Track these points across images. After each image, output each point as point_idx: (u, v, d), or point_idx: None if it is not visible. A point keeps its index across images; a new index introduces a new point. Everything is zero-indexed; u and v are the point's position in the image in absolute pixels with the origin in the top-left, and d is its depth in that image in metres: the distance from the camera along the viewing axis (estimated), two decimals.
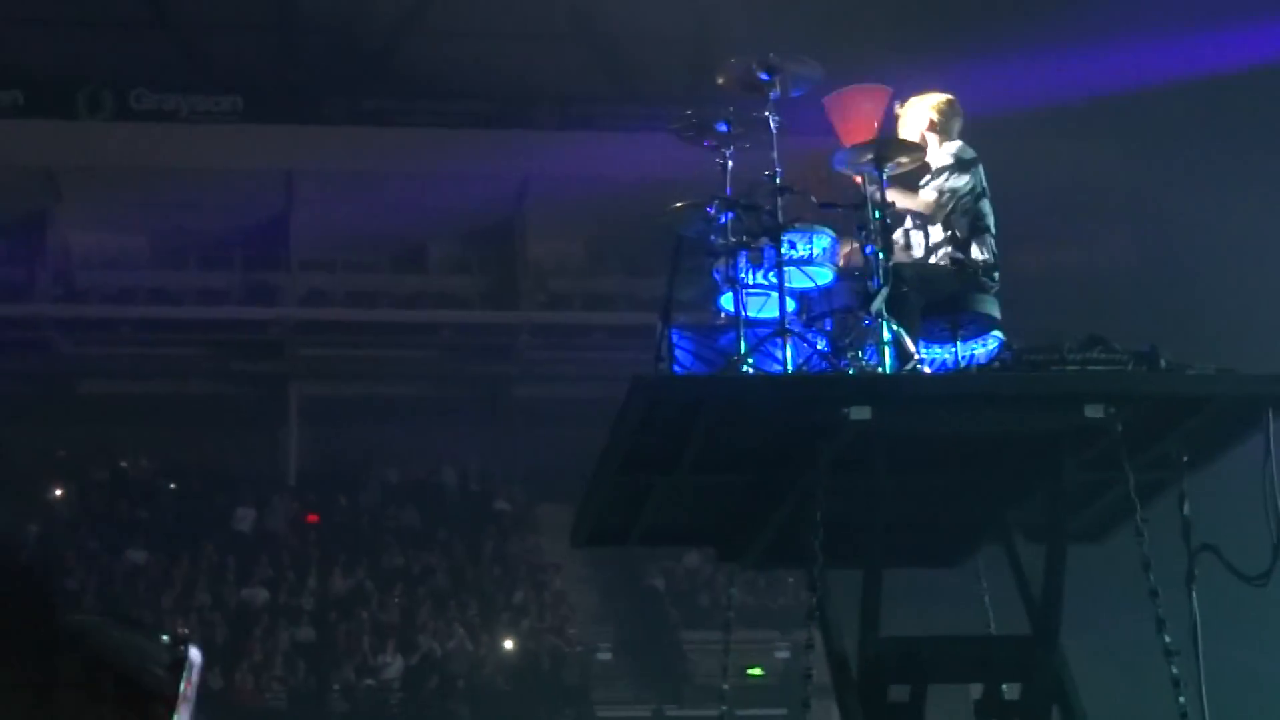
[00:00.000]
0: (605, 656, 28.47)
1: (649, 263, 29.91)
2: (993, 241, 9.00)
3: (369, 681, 26.95)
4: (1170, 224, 28.41)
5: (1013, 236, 9.36)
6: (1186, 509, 8.18)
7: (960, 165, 9.02)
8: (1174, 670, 7.90)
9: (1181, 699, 7.88)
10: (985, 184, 9.07)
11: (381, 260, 35.58)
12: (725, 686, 10.04)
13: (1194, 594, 8.03)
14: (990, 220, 9.03)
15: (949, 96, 9.28)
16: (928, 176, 9.06)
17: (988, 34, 27.22)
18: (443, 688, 26.62)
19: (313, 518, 31.76)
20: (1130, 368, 8.00)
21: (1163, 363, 8.07)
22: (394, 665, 27.07)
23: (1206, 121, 26.40)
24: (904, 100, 9.21)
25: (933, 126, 9.16)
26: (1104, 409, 7.84)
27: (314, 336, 33.81)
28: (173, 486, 32.35)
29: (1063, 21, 27.24)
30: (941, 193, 8.97)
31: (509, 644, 27.69)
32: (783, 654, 26.79)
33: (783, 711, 23.98)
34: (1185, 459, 8.28)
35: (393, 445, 32.84)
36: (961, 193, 8.98)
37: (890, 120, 9.00)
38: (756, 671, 26.59)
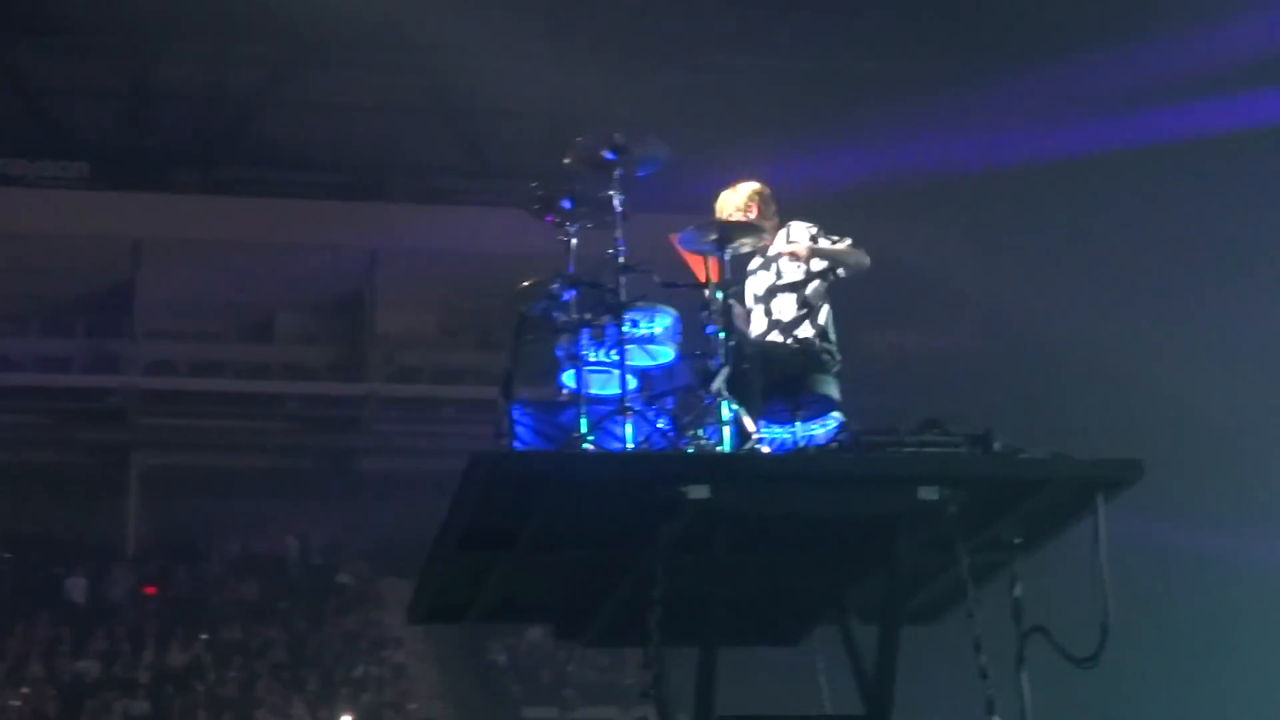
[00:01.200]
0: None
1: (500, 337, 29.87)
2: (831, 322, 9.11)
3: None
4: (1010, 310, 28.84)
5: (855, 319, 9.47)
6: (1018, 591, 8.27)
7: (811, 228, 9.14)
8: None
9: None
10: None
11: (229, 330, 35.29)
12: None
13: (1024, 675, 8.12)
14: (829, 301, 9.15)
15: (759, 184, 9.38)
16: (773, 258, 9.15)
17: (839, 118, 27.64)
18: None
19: (151, 589, 31.30)
20: (965, 451, 8.10)
21: (997, 446, 8.17)
22: None
23: (1042, 208, 26.89)
24: (724, 188, 9.35)
25: (754, 213, 9.26)
26: (938, 491, 7.92)
27: (157, 405, 33.45)
28: (8, 556, 31.75)
29: (910, 108, 27.70)
30: (832, 242, 9.09)
31: (352, 716, 27.39)
32: None
33: None
34: (1018, 541, 8.39)
35: (235, 517, 32.51)
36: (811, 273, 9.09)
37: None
38: None
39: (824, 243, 9.14)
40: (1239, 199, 25.25)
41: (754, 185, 9.42)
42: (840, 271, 9.18)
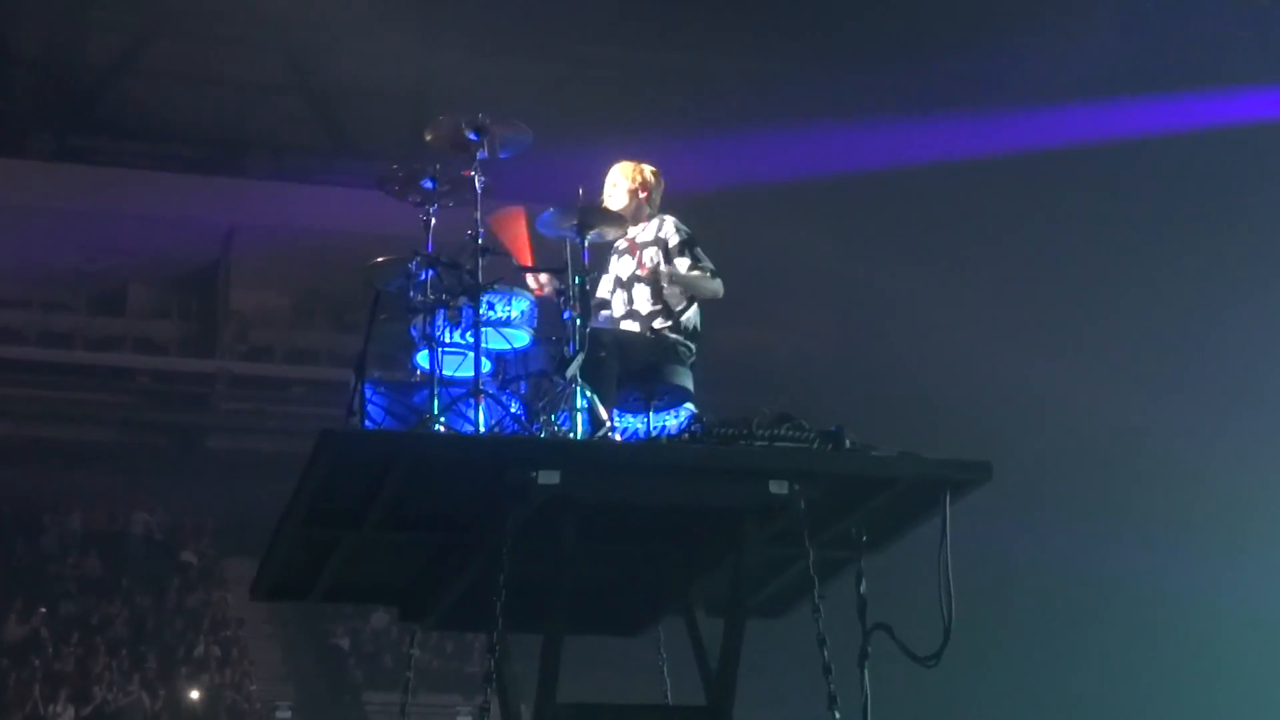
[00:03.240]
0: (285, 715, 28.02)
1: (354, 318, 29.71)
2: (696, 315, 9.11)
3: None
4: (867, 309, 29.07)
5: (713, 314, 9.48)
6: (863, 587, 8.33)
7: (691, 239, 9.12)
8: None
9: None
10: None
11: (79, 301, 34.77)
12: None
13: (866, 672, 8.17)
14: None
15: (651, 167, 9.43)
16: (642, 245, 9.14)
17: (699, 113, 27.72)
18: None
19: None
20: (816, 446, 8.12)
21: (848, 443, 8.21)
22: (65, 716, 26.31)
23: (902, 210, 27.13)
24: (606, 167, 9.34)
25: (644, 195, 9.27)
26: (788, 485, 7.95)
27: (3, 374, 32.86)
28: None
29: (777, 106, 27.83)
30: (699, 267, 9.06)
31: (192, 695, 27.12)
32: (464, 719, 26.68)
33: None
34: (865, 538, 8.44)
35: (78, 490, 32.05)
36: (706, 263, 9.09)
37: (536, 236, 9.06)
38: None
39: (682, 263, 9.08)
40: (1103, 204, 25.61)
41: (654, 169, 9.43)
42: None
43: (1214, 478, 24.02)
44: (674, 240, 9.11)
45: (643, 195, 9.30)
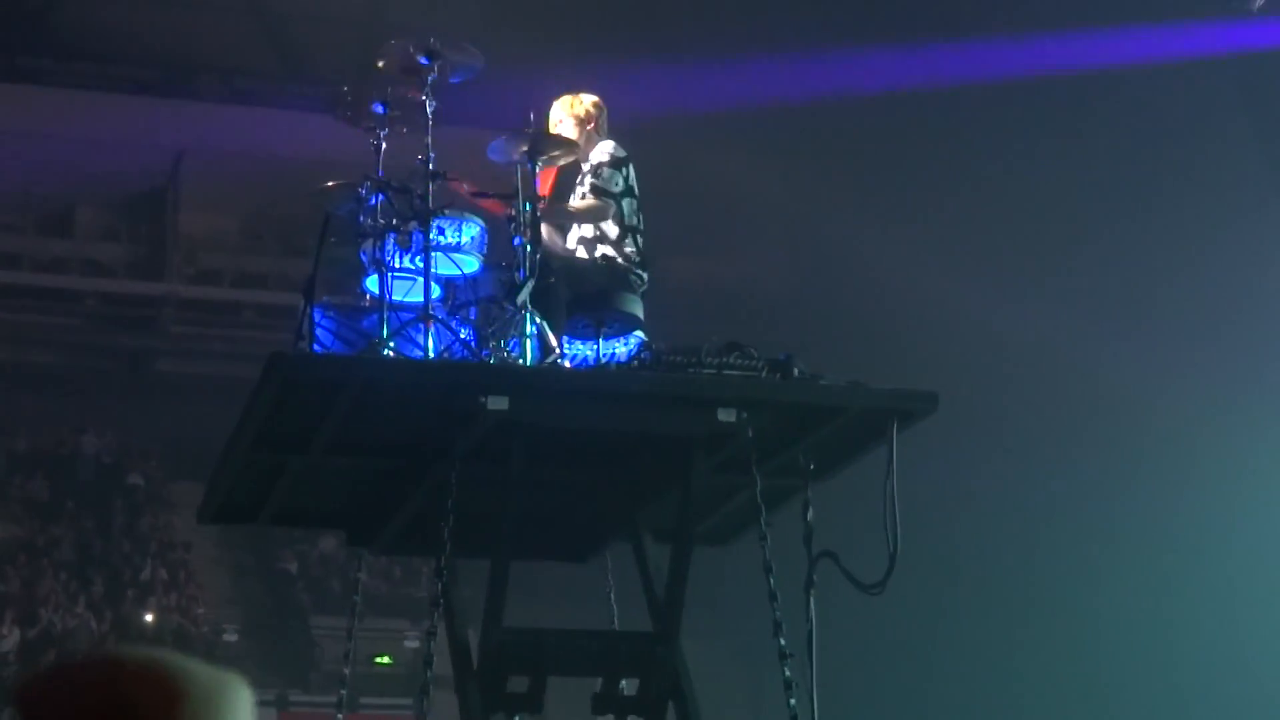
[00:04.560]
0: (232, 638, 28.07)
1: (304, 243, 29.54)
2: (641, 241, 9.11)
3: None
4: (817, 240, 29.09)
5: (664, 242, 9.48)
6: (810, 516, 8.37)
7: (614, 163, 9.11)
8: (786, 673, 8.07)
9: (793, 701, 8.06)
10: (636, 184, 9.18)
11: (26, 222, 34.50)
12: (347, 672, 9.95)
13: (812, 599, 8.22)
14: (639, 220, 9.15)
15: (595, 97, 9.41)
16: (584, 172, 9.14)
17: (651, 40, 27.58)
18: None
19: None
20: (764, 375, 8.15)
21: (796, 372, 8.23)
22: (10, 638, 26.29)
23: (856, 141, 27.08)
24: (555, 97, 9.32)
25: (591, 125, 9.26)
26: (736, 413, 7.98)
27: None
28: None
29: (731, 34, 27.72)
30: (596, 190, 9.05)
31: (140, 618, 27.13)
32: (412, 643, 26.73)
33: (408, 701, 23.92)
34: (812, 467, 8.47)
35: (24, 413, 31.89)
36: (613, 190, 9.07)
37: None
38: (385, 660, 26.53)
39: (578, 193, 9.08)
40: (1062, 139, 25.62)
41: (595, 98, 9.42)
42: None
43: (1164, 412, 24.18)
44: (605, 154, 9.12)
45: (590, 127, 9.29)
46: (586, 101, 9.38)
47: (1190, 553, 23.43)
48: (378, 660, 26.15)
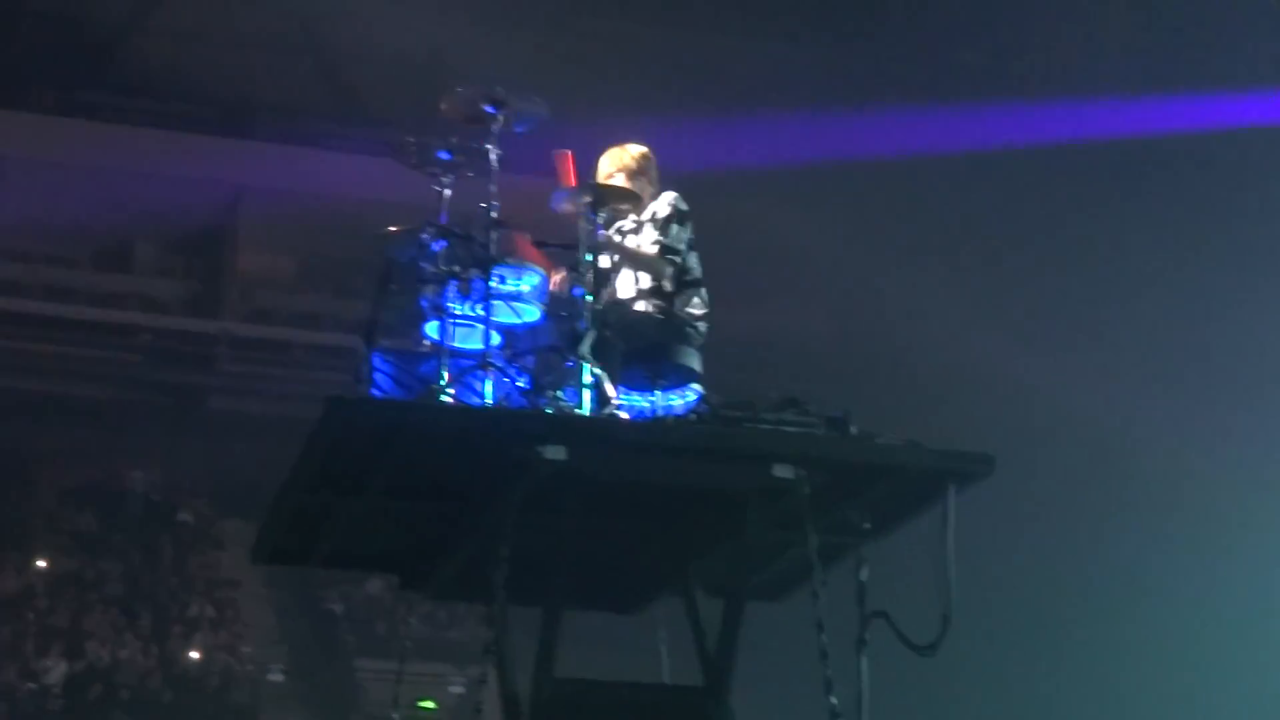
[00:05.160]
0: (277, 678, 28.09)
1: (360, 285, 29.67)
2: (703, 295, 9.11)
3: (30, 685, 26.22)
4: (873, 297, 29.07)
5: (721, 296, 9.48)
6: (864, 574, 8.35)
7: (679, 215, 9.12)
8: None
9: None
10: (694, 237, 9.19)
11: (84, 257, 34.76)
12: (395, 717, 9.95)
13: (863, 659, 8.18)
14: (699, 273, 9.15)
15: (648, 149, 9.41)
16: (644, 223, 9.14)
17: (718, 94, 27.68)
18: (106, 697, 26.00)
19: None
20: (821, 432, 8.13)
21: (853, 430, 8.22)
22: (57, 670, 26.37)
23: (913, 199, 27.10)
24: (606, 149, 9.34)
25: (638, 173, 9.26)
26: (792, 470, 7.96)
27: (5, 327, 32.85)
28: None
29: (791, 89, 27.79)
30: (663, 248, 9.06)
31: (181, 657, 27.19)
32: (457, 689, 26.71)
33: None
34: (867, 526, 8.45)
35: (75, 447, 32.06)
36: (679, 248, 9.08)
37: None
38: (428, 704, 26.48)
39: (646, 238, 9.08)
40: (1109, 200, 25.59)
41: (643, 149, 9.42)
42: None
43: (1205, 475, 24.04)
44: (667, 207, 9.13)
45: (640, 178, 9.29)
46: (635, 153, 9.36)
47: (1235, 621, 23.28)
48: (421, 704, 26.10)
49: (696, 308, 9.08)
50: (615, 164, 9.31)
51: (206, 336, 34.02)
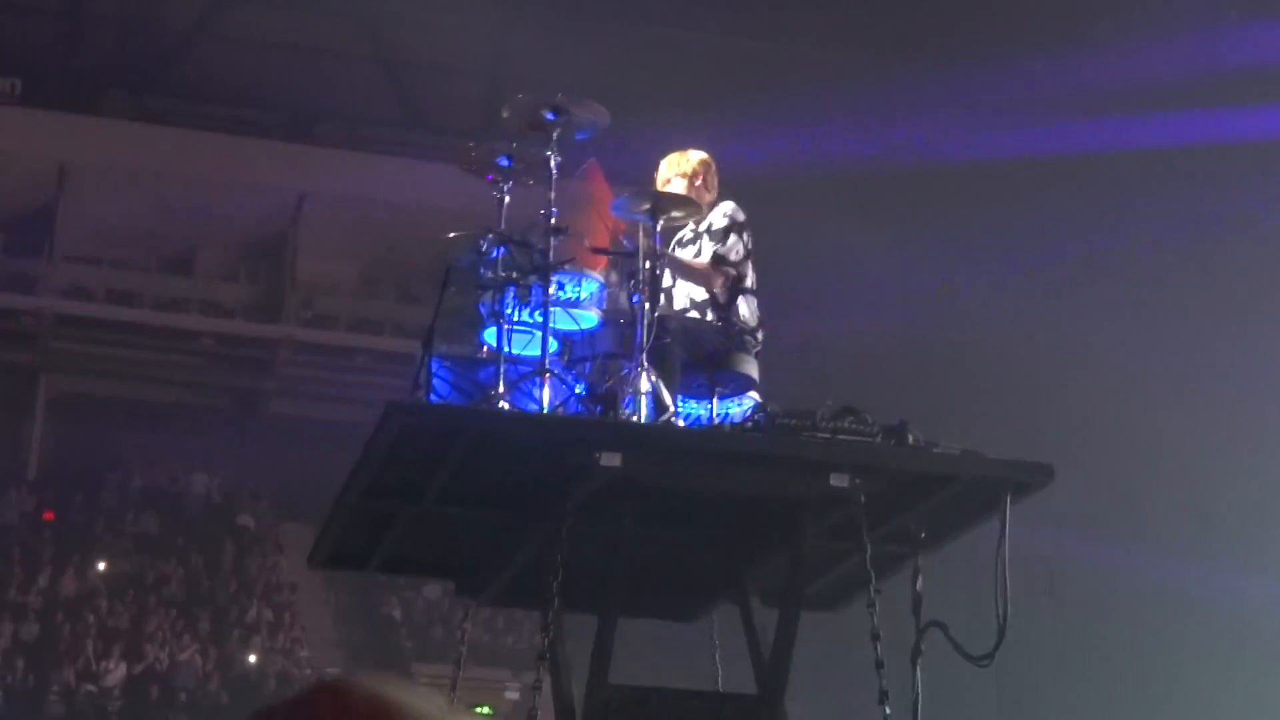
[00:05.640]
0: None
1: (420, 291, 29.82)
2: (756, 303, 9.11)
3: (89, 687, 26.38)
4: (931, 304, 28.95)
5: (778, 304, 9.47)
6: (920, 584, 8.31)
7: (736, 226, 9.12)
8: None
9: None
10: (752, 246, 9.19)
11: (149, 261, 35.00)
12: None
13: (919, 669, 8.16)
14: (754, 281, 9.15)
15: (707, 155, 9.41)
16: (701, 233, 9.14)
17: (776, 100, 27.64)
18: (164, 699, 26.15)
19: (49, 514, 31.05)
20: (879, 441, 8.12)
21: (911, 439, 8.20)
22: (116, 672, 26.53)
23: (971, 205, 27.00)
24: (665, 155, 9.35)
25: (700, 182, 9.27)
26: (849, 479, 7.94)
27: (71, 330, 33.13)
28: None
29: (849, 95, 27.74)
30: (717, 259, 9.06)
31: (239, 660, 27.30)
32: (512, 694, 26.76)
33: None
34: (923, 535, 8.42)
35: (139, 449, 32.28)
36: (733, 260, 9.08)
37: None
38: (485, 710, 26.54)
39: (697, 249, 9.08)
40: (1174, 212, 25.43)
41: (703, 154, 9.41)
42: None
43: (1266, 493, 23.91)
44: (724, 219, 9.13)
45: (699, 183, 9.29)
46: (694, 159, 9.35)
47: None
48: (478, 709, 26.16)
49: (752, 316, 9.08)
50: (674, 169, 9.32)
51: (268, 341, 34.22)
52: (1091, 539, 24.27)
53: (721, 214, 9.15)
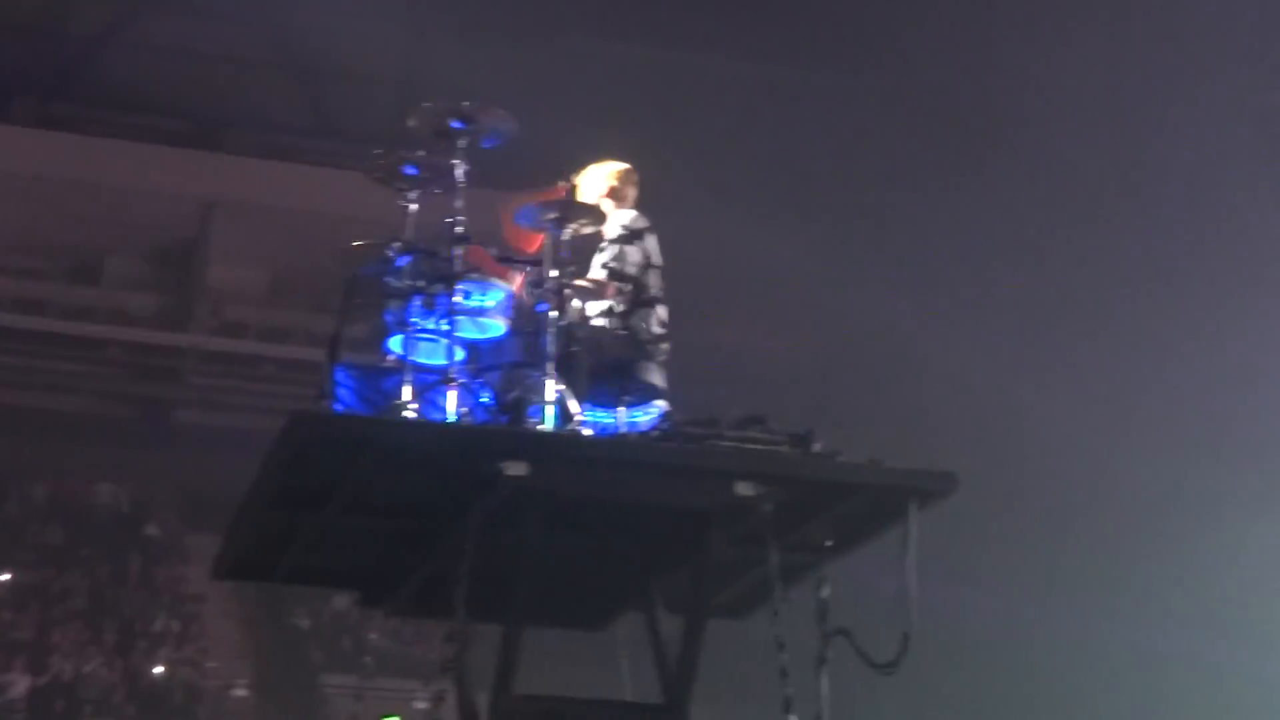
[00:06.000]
0: (241, 693, 27.97)
1: (331, 300, 29.56)
2: (663, 312, 9.12)
3: None
4: (838, 315, 29.06)
5: (686, 312, 9.48)
6: (825, 593, 8.35)
7: (631, 235, 9.13)
8: None
9: None
10: (657, 255, 9.19)
11: (56, 270, 34.65)
12: None
13: (824, 677, 8.19)
14: (659, 291, 9.15)
15: (627, 166, 9.43)
16: (602, 244, 9.16)
17: (689, 111, 27.71)
18: (69, 711, 25.88)
19: None
20: (785, 449, 8.14)
21: (817, 447, 8.23)
22: (20, 685, 26.23)
23: (880, 214, 27.17)
24: (583, 168, 9.36)
25: (610, 193, 9.29)
26: (755, 487, 7.97)
27: None
28: None
29: (759, 106, 27.85)
30: (612, 272, 9.06)
31: (146, 671, 27.08)
32: (421, 704, 26.60)
33: None
34: (829, 543, 8.46)
35: (45, 459, 31.92)
36: (628, 272, 9.07)
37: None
38: None
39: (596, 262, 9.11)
40: (1080, 229, 25.65)
41: (619, 166, 9.44)
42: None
43: (1174, 501, 24.17)
44: (610, 237, 9.14)
45: (612, 194, 9.32)
46: (611, 170, 9.41)
47: (1194, 638, 23.39)
48: (387, 719, 26.05)
49: (656, 325, 9.09)
50: (593, 181, 9.34)
51: (176, 350, 33.94)
52: (1004, 546, 24.43)
53: (618, 224, 9.16)
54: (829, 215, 27.89)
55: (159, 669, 27.29)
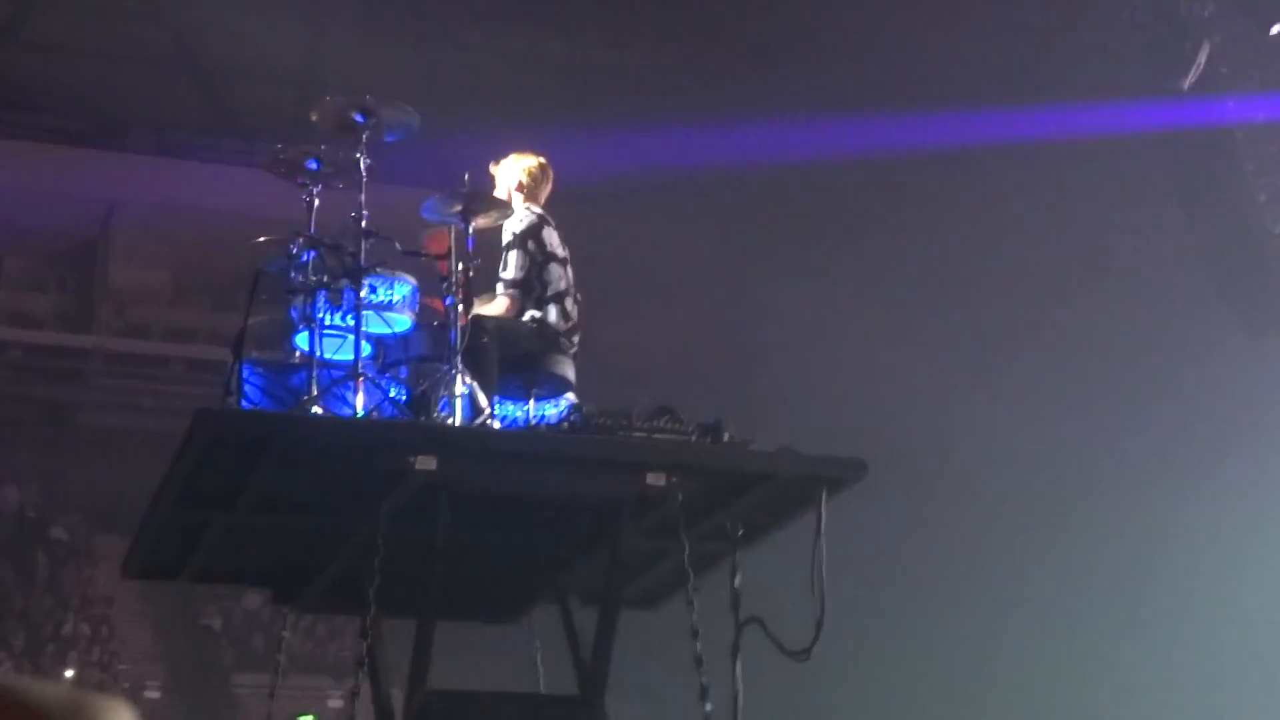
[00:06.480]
0: (154, 695, 27.77)
1: (235, 298, 29.39)
2: (570, 305, 9.10)
3: None
4: (746, 305, 29.14)
5: (596, 305, 9.48)
6: (738, 581, 8.37)
7: (513, 242, 9.06)
8: None
9: None
10: (558, 246, 9.17)
11: None
12: None
13: (738, 665, 8.21)
14: (563, 284, 9.12)
15: (541, 160, 9.41)
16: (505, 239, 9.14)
17: (591, 105, 27.68)
18: None
19: None
20: (694, 439, 8.15)
21: (726, 437, 8.25)
22: None
23: (788, 206, 27.23)
24: (499, 159, 9.34)
25: (520, 188, 9.27)
26: (666, 478, 7.98)
27: None
28: None
29: (664, 100, 27.87)
30: (500, 277, 9.04)
31: (56, 675, 26.81)
32: (335, 702, 26.52)
33: None
34: (740, 532, 8.47)
35: None
36: (518, 268, 9.04)
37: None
38: (307, 718, 26.30)
39: (512, 256, 9.07)
40: (997, 213, 25.78)
41: (529, 161, 9.40)
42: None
43: (1085, 484, 24.37)
44: (519, 223, 9.11)
45: (518, 188, 9.29)
46: (520, 164, 9.38)
47: (1111, 623, 23.63)
48: (300, 719, 25.93)
49: (563, 318, 9.07)
50: (502, 174, 9.32)
51: (79, 351, 33.61)
52: (913, 532, 24.58)
53: (508, 230, 9.10)
54: (737, 207, 27.93)
55: (69, 673, 27.03)
